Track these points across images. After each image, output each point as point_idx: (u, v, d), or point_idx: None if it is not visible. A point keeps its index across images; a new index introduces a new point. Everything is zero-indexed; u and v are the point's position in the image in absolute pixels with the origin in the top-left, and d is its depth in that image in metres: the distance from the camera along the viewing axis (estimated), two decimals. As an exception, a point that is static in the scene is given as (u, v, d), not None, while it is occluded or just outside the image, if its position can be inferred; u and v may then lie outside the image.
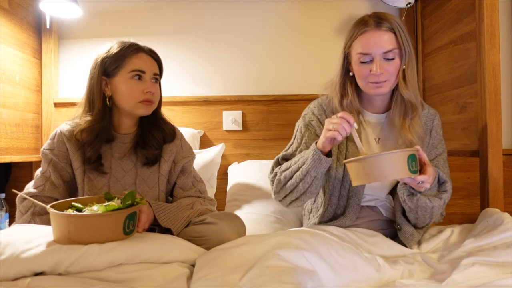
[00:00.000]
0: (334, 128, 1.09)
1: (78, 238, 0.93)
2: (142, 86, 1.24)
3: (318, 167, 1.15)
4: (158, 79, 1.30)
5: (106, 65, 1.23)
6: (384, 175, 1.04)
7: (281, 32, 2.13)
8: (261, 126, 2.09)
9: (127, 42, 1.26)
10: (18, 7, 1.84)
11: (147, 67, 1.25)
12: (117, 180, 1.25)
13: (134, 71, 1.23)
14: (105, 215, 0.95)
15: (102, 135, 1.23)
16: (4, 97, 1.72)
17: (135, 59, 1.24)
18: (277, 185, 1.25)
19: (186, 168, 1.34)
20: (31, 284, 0.83)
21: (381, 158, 1.02)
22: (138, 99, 1.23)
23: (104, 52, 1.25)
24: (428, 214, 1.23)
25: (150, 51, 1.29)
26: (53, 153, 1.23)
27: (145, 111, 1.26)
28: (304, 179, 1.17)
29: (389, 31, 1.19)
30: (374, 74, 1.19)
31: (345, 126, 1.08)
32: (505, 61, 2.05)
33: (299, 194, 1.21)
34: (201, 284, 0.88)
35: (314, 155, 1.14)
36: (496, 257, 1.03)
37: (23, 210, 1.19)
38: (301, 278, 0.85)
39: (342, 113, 1.10)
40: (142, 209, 1.10)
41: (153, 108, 1.28)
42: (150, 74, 1.26)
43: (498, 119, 1.46)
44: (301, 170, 1.17)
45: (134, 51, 1.24)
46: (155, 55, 1.30)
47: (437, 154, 1.32)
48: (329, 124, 1.11)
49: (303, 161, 1.18)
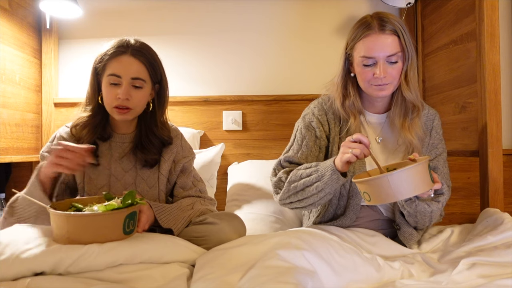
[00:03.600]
0: (354, 153, 1.04)
1: (78, 238, 0.92)
2: (116, 91, 1.18)
3: (334, 186, 1.14)
4: (142, 84, 1.21)
5: (96, 66, 1.23)
6: (411, 190, 0.96)
7: (281, 32, 2.13)
8: (261, 126, 2.09)
9: (117, 43, 1.22)
10: (18, 7, 1.84)
11: (124, 71, 1.18)
12: (117, 179, 1.25)
13: (110, 76, 1.19)
14: (105, 215, 0.95)
15: (95, 130, 1.23)
16: (4, 97, 1.72)
17: (114, 62, 1.19)
18: (284, 193, 1.22)
19: (186, 168, 1.33)
20: (31, 284, 0.83)
21: (409, 171, 0.94)
22: (111, 104, 1.20)
23: (100, 51, 1.23)
24: (427, 218, 1.24)
25: (138, 51, 1.21)
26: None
27: (120, 117, 1.21)
28: (317, 194, 1.16)
29: (393, 34, 1.18)
30: (378, 77, 1.19)
31: (363, 150, 1.05)
32: (505, 61, 2.05)
33: (308, 204, 1.20)
34: (201, 284, 0.88)
35: (332, 174, 1.11)
36: (496, 257, 1.03)
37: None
38: (301, 278, 0.85)
39: (359, 136, 1.05)
40: (142, 209, 1.10)
41: (131, 115, 1.22)
42: (127, 79, 1.18)
43: (498, 119, 1.45)
44: (315, 185, 1.14)
45: (114, 54, 1.19)
46: (142, 57, 1.21)
47: (437, 154, 1.32)
48: (347, 148, 1.06)
49: (318, 177, 1.14)
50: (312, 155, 1.28)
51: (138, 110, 1.25)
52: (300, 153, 1.28)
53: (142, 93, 1.22)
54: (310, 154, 1.28)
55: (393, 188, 0.94)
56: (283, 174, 1.25)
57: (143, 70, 1.21)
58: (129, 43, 1.22)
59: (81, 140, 1.22)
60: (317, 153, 1.29)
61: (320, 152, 1.30)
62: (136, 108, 1.22)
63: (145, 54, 1.22)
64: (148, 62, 1.22)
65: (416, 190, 0.97)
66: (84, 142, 1.21)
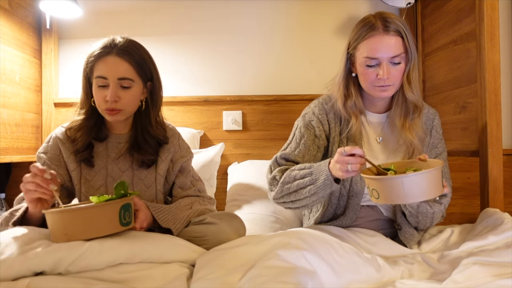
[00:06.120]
0: (352, 170, 1.02)
1: (76, 233, 0.92)
2: (105, 93, 1.16)
3: (327, 190, 1.14)
4: (130, 84, 1.18)
5: (85, 68, 1.22)
6: (423, 194, 0.95)
7: (281, 32, 2.13)
8: (261, 126, 2.09)
9: (103, 43, 1.19)
10: (18, 7, 1.84)
11: (110, 72, 1.16)
12: (114, 180, 1.24)
13: (97, 78, 1.17)
14: (99, 206, 0.95)
15: (90, 132, 1.23)
16: (4, 97, 1.72)
17: (100, 64, 1.17)
18: (277, 193, 1.22)
19: (185, 168, 1.33)
20: (31, 284, 0.83)
21: (424, 176, 0.93)
22: (102, 107, 1.18)
23: (88, 53, 1.21)
24: (428, 219, 1.24)
25: (123, 51, 1.17)
26: (46, 156, 1.23)
27: (111, 119, 1.20)
28: (310, 197, 1.15)
29: (397, 35, 1.18)
30: (381, 78, 1.18)
31: (360, 162, 1.03)
32: (505, 61, 2.05)
33: (301, 205, 1.20)
34: (201, 284, 0.88)
35: (326, 180, 1.10)
36: (496, 257, 1.02)
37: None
38: (301, 278, 0.85)
39: (351, 150, 1.02)
40: (139, 207, 1.10)
41: (123, 116, 1.20)
42: (113, 80, 1.16)
43: (498, 119, 1.45)
44: (308, 189, 1.14)
45: (99, 55, 1.17)
46: (127, 56, 1.17)
47: (437, 154, 1.32)
48: (345, 164, 1.03)
49: (312, 180, 1.13)
50: (310, 154, 1.28)
51: (130, 110, 1.22)
52: (297, 151, 1.28)
53: (132, 93, 1.19)
54: (308, 153, 1.28)
55: (405, 190, 0.93)
56: (278, 172, 1.24)
57: (130, 69, 1.18)
58: (114, 43, 1.19)
59: (76, 141, 1.22)
60: (315, 152, 1.29)
61: (318, 151, 1.30)
62: (126, 108, 1.20)
63: (131, 52, 1.19)
64: (134, 61, 1.19)
65: (427, 195, 0.96)
66: (79, 144, 1.21)
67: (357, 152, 1.02)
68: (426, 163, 1.05)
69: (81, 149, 1.22)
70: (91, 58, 1.19)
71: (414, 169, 1.03)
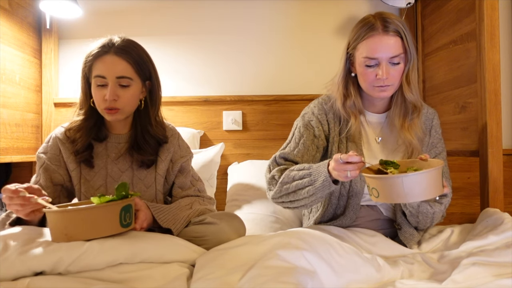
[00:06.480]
0: (352, 176, 1.03)
1: (76, 233, 0.92)
2: (104, 92, 1.17)
3: (326, 191, 1.14)
4: (128, 83, 1.18)
5: (83, 68, 1.22)
6: (423, 194, 0.95)
7: (281, 32, 2.13)
8: (261, 126, 2.09)
9: (101, 43, 1.19)
10: (18, 7, 1.84)
11: (108, 71, 1.16)
12: (114, 180, 1.24)
13: (96, 77, 1.17)
14: (100, 207, 0.95)
15: (89, 133, 1.23)
16: (4, 97, 1.72)
17: (98, 63, 1.17)
18: (276, 192, 1.22)
19: (185, 168, 1.33)
20: (31, 284, 0.83)
21: (424, 175, 0.93)
22: (101, 106, 1.19)
23: (85, 53, 1.21)
24: (429, 219, 1.24)
25: (121, 50, 1.18)
26: (46, 156, 1.23)
27: (111, 118, 1.20)
28: (308, 198, 1.16)
29: (396, 35, 1.18)
30: (380, 78, 1.18)
31: (359, 167, 1.03)
32: (505, 61, 2.05)
33: (299, 206, 1.20)
34: (201, 284, 0.88)
35: (324, 181, 1.10)
36: (496, 257, 1.03)
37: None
38: (301, 278, 0.85)
39: (348, 158, 1.01)
40: (140, 207, 1.10)
41: (122, 115, 1.20)
42: (112, 79, 1.16)
43: (498, 119, 1.45)
44: (307, 190, 1.14)
45: (97, 54, 1.17)
46: (125, 55, 1.18)
47: (437, 154, 1.33)
48: (344, 171, 1.03)
49: (310, 181, 1.13)
50: (309, 154, 1.28)
51: (129, 109, 1.22)
52: (296, 151, 1.28)
53: (130, 91, 1.20)
54: (307, 153, 1.28)
55: (405, 190, 0.93)
56: (277, 172, 1.24)
57: (128, 68, 1.18)
58: (112, 42, 1.19)
59: (76, 142, 1.22)
60: (314, 152, 1.29)
61: (318, 151, 1.30)
62: (125, 107, 1.20)
63: (129, 51, 1.19)
64: (133, 59, 1.19)
65: (427, 195, 0.96)
66: (78, 144, 1.21)
67: (353, 160, 1.01)
68: (427, 162, 1.05)
69: (81, 150, 1.22)
70: (89, 57, 1.19)
71: (415, 168, 1.03)
